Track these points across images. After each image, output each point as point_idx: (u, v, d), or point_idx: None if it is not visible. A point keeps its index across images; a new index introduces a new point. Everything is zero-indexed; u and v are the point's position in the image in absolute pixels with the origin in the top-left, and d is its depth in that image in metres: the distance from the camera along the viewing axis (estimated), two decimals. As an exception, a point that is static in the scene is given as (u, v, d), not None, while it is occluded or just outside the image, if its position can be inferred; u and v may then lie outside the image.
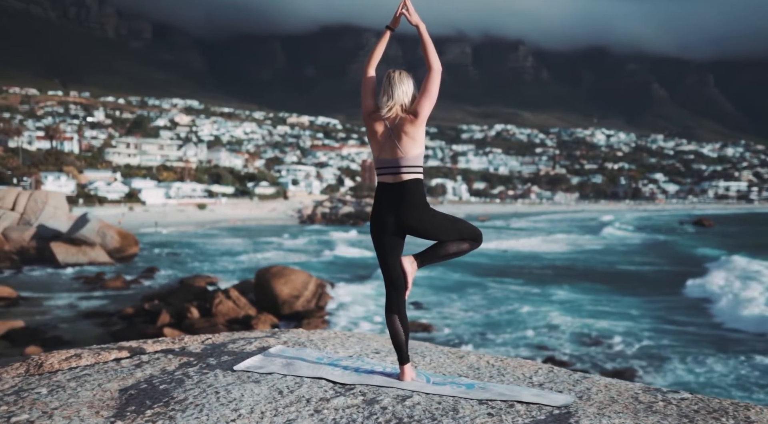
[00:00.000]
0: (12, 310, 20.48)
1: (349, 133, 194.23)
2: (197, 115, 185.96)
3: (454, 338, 17.22)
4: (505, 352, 15.59)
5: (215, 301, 18.87)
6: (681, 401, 2.45)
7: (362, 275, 27.95)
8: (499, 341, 16.81)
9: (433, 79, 2.79)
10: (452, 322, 19.21)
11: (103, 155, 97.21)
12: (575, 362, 14.78)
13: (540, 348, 16.15)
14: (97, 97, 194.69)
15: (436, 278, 28.11)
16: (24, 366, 2.85)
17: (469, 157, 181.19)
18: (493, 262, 34.81)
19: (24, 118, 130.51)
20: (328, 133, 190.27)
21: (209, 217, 70.89)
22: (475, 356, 3.20)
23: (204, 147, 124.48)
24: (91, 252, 31.70)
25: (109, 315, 19.58)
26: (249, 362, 2.90)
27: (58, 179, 70.74)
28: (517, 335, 17.53)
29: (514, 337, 17.28)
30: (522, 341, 16.90)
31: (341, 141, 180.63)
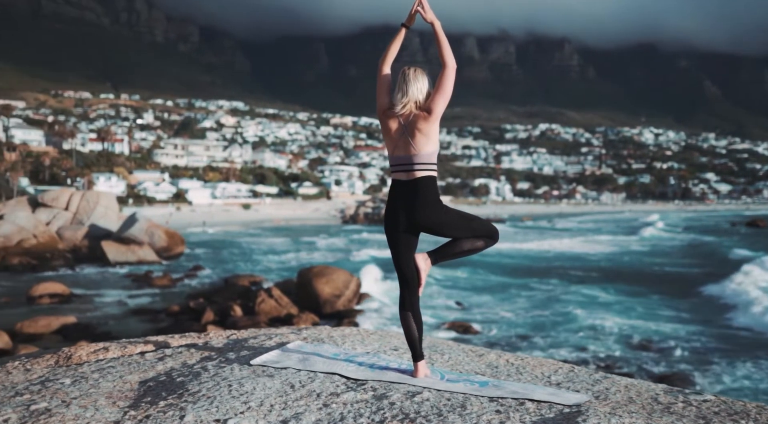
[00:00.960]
0: (65, 306, 21.18)
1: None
2: (242, 116, 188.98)
3: (496, 339, 17.09)
4: (548, 354, 15.41)
5: (258, 299, 19.18)
6: (702, 403, 2.41)
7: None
8: (541, 344, 16.61)
9: (447, 76, 2.80)
10: (494, 323, 19.07)
11: (152, 156, 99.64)
12: (622, 366, 14.51)
13: (582, 350, 15.90)
14: (146, 99, 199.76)
15: (479, 279, 27.94)
16: (54, 358, 2.94)
17: (512, 157, 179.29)
18: (536, 263, 34.41)
19: (78, 121, 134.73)
20: (371, 133, 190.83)
21: (254, 217, 71.97)
22: (494, 355, 3.20)
23: (249, 148, 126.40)
24: (140, 251, 32.56)
25: (156, 312, 20.09)
26: (266, 356, 2.93)
27: (109, 180, 72.85)
28: (561, 337, 17.29)
29: (557, 339, 17.05)
30: (566, 343, 16.66)
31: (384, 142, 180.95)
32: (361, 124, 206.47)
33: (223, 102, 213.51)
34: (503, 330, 18.10)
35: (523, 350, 15.99)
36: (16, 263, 29.24)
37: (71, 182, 70.72)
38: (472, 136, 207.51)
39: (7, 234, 31.89)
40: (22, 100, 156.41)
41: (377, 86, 2.92)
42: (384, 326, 18.24)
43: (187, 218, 62.87)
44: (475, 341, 16.55)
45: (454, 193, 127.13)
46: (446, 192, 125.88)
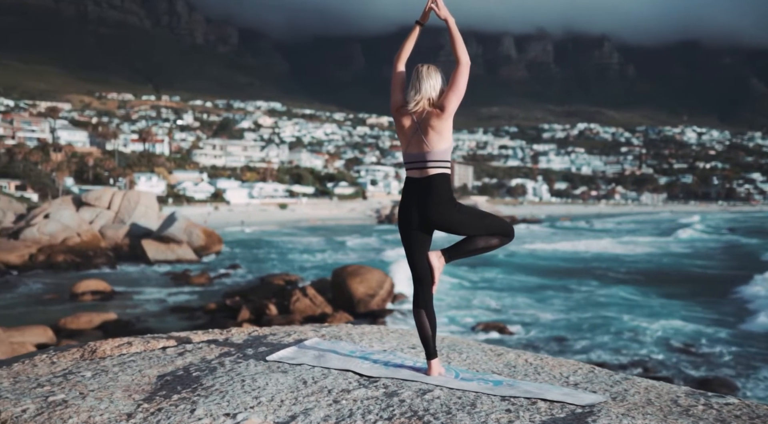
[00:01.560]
0: (106, 303, 21.72)
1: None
2: (280, 117, 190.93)
3: (531, 340, 16.93)
4: (584, 357, 15.20)
5: (293, 298, 19.36)
6: (724, 406, 2.36)
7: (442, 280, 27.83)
8: (577, 346, 16.39)
9: (461, 73, 2.76)
10: (530, 325, 18.89)
11: (191, 156, 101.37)
12: (660, 369, 14.23)
13: (620, 353, 15.64)
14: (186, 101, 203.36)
15: (516, 280, 27.70)
16: (80, 352, 3.00)
17: (550, 156, 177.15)
18: (574, 264, 33.96)
19: (120, 122, 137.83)
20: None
21: (290, 216, 72.64)
22: (513, 355, 3.17)
23: (286, 148, 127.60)
24: (179, 249, 33.16)
25: (193, 310, 20.44)
26: (282, 353, 2.95)
27: (149, 180, 74.35)
28: (598, 339, 17.04)
29: (594, 342, 16.80)
30: (603, 346, 16.41)
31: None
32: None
33: (261, 103, 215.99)
34: (539, 332, 17.91)
35: (558, 352, 15.80)
36: (61, 260, 30.06)
37: (114, 182, 72.43)
38: (509, 136, 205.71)
39: (52, 232, 32.81)
40: (68, 103, 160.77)
41: (391, 84, 2.92)
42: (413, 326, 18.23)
43: (224, 218, 63.80)
44: (510, 343, 16.42)
45: (491, 193, 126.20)
46: (482, 192, 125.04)
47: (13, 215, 37.41)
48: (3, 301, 22.19)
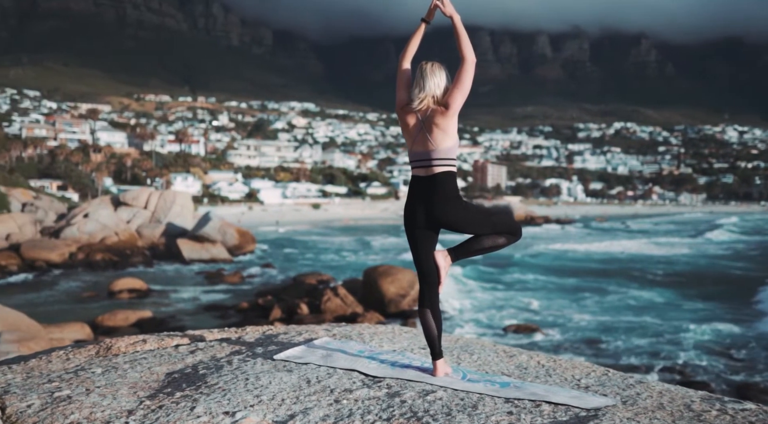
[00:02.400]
0: (142, 301, 22.14)
1: (461, 134, 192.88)
2: (313, 117, 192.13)
3: (562, 342, 16.72)
4: (616, 360, 14.95)
5: (324, 298, 19.46)
6: (739, 412, 2.28)
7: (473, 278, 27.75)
8: (610, 349, 16.13)
9: (465, 71, 2.73)
10: (563, 326, 18.66)
11: (226, 157, 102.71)
12: (697, 373, 13.92)
13: (655, 356, 15.34)
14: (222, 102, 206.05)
15: (549, 281, 27.40)
16: (96, 348, 3.04)
17: (585, 156, 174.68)
18: (609, 265, 33.44)
19: (158, 123, 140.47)
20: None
21: (323, 216, 73.07)
22: (526, 356, 3.13)
23: (319, 148, 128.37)
24: (213, 249, 33.62)
25: (226, 309, 20.70)
26: (290, 351, 2.96)
27: (185, 180, 75.56)
28: (632, 342, 16.75)
29: (628, 344, 16.52)
30: (637, 348, 16.13)
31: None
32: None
33: (295, 103, 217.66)
34: (571, 333, 17.68)
35: (591, 355, 15.58)
36: (100, 259, 30.73)
37: (151, 182, 73.81)
38: (543, 136, 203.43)
39: (91, 231, 33.57)
40: (108, 104, 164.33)
41: (397, 82, 2.90)
42: (447, 327, 18.15)
43: (258, 217, 64.48)
44: (542, 344, 16.24)
45: (524, 193, 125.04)
46: (516, 192, 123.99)
47: (54, 214, 38.38)
48: (44, 298, 22.80)
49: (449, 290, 23.06)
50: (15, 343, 12.63)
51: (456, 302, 21.62)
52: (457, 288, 24.03)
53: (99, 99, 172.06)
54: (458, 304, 21.40)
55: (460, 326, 18.34)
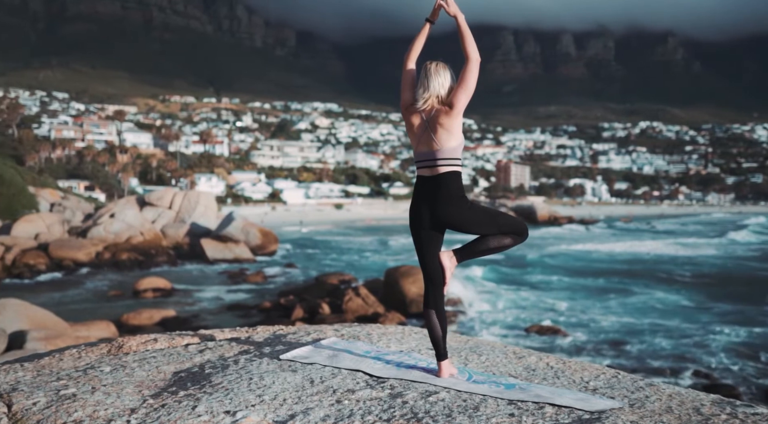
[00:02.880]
0: (167, 300, 22.37)
1: (484, 134, 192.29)
2: (336, 117, 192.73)
3: (585, 344, 16.54)
4: (640, 362, 14.75)
5: (345, 298, 19.48)
6: (750, 416, 2.23)
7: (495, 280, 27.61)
8: (634, 351, 15.92)
9: (470, 70, 2.73)
10: (586, 327, 18.46)
11: (249, 157, 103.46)
12: (724, 377, 13.67)
13: (681, 359, 15.10)
14: (245, 103, 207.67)
15: (573, 282, 27.14)
16: (108, 347, 3.07)
17: (610, 156, 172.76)
18: (634, 265, 33.04)
19: (183, 124, 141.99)
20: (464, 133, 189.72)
21: (345, 216, 73.25)
22: (535, 358, 3.09)
23: (342, 149, 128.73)
24: (236, 248, 33.87)
25: (248, 308, 20.83)
26: (296, 351, 2.95)
27: (209, 180, 76.27)
28: (657, 344, 16.51)
29: (653, 346, 16.29)
30: (662, 351, 15.88)
31: (476, 141, 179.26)
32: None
33: (318, 104, 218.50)
34: (595, 335, 17.48)
35: (614, 356, 15.39)
36: (125, 258, 31.13)
37: (175, 183, 74.64)
38: (567, 135, 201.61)
39: (117, 231, 34.05)
40: (134, 106, 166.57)
41: (401, 82, 2.90)
42: (469, 328, 18.07)
43: (281, 218, 64.84)
44: (564, 346, 16.09)
45: (548, 193, 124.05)
46: (539, 192, 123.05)
47: (81, 214, 38.99)
48: (71, 297, 23.16)
49: (471, 292, 22.96)
50: (42, 341, 12.85)
51: (478, 303, 21.51)
52: (478, 290, 23.93)
53: (125, 101, 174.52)
54: (480, 305, 21.29)
55: (482, 328, 18.23)
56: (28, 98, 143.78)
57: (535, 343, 16.37)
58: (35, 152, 69.05)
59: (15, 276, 27.14)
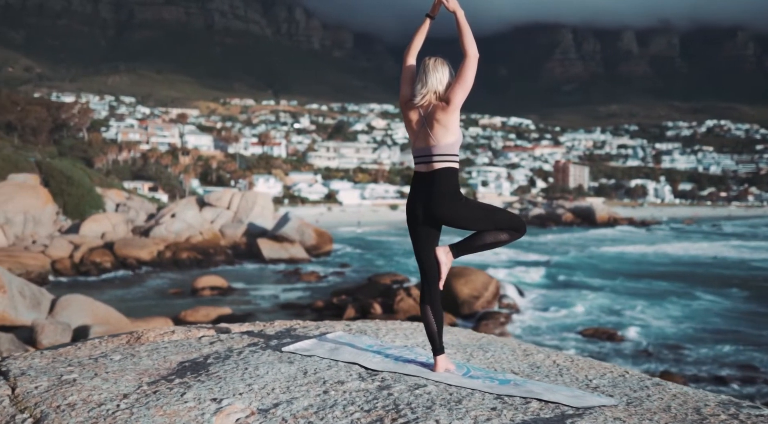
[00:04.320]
0: (223, 298, 22.95)
1: (543, 134, 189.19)
2: (392, 118, 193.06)
3: (642, 347, 16.10)
4: (699, 368, 14.26)
5: (397, 298, 19.57)
6: (752, 417, 2.14)
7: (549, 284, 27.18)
8: (693, 356, 15.40)
9: (467, 66, 2.74)
10: (643, 331, 17.98)
11: (306, 159, 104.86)
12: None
13: (744, 368, 14.51)
14: (303, 104, 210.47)
15: (631, 284, 26.44)
16: (127, 338, 3.17)
17: (674, 156, 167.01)
18: (697, 269, 31.90)
19: (242, 127, 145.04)
20: (520, 133, 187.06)
21: (400, 217, 73.25)
22: (543, 355, 3.04)
23: (397, 150, 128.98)
24: (291, 248, 34.43)
25: (302, 307, 21.14)
26: (299, 344, 2.99)
27: (267, 181, 77.72)
28: (719, 350, 15.93)
29: (714, 353, 15.72)
30: (724, 358, 15.32)
31: (534, 141, 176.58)
32: (510, 124, 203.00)
33: (374, 105, 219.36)
34: (653, 339, 17.00)
35: (672, 361, 14.92)
36: (185, 257, 32.07)
37: (234, 183, 76.37)
38: (628, 135, 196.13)
39: (178, 231, 35.11)
40: (196, 109, 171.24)
41: (401, 77, 2.91)
42: (523, 332, 17.84)
43: (336, 218, 65.47)
44: (619, 350, 15.70)
45: (608, 194, 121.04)
46: (599, 193, 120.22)
47: (144, 214, 40.38)
48: (133, 294, 24.04)
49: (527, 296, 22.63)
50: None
51: (532, 307, 21.22)
52: (534, 293, 23.61)
53: (188, 104, 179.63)
54: (535, 310, 20.99)
55: (536, 332, 17.95)
56: (98, 103, 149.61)
57: (589, 347, 16.05)
58: (103, 155, 71.86)
59: (83, 273, 28.32)
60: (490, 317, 18.66)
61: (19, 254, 28.31)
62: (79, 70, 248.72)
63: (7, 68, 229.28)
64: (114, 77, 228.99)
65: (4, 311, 14.45)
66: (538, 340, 16.65)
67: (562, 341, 16.79)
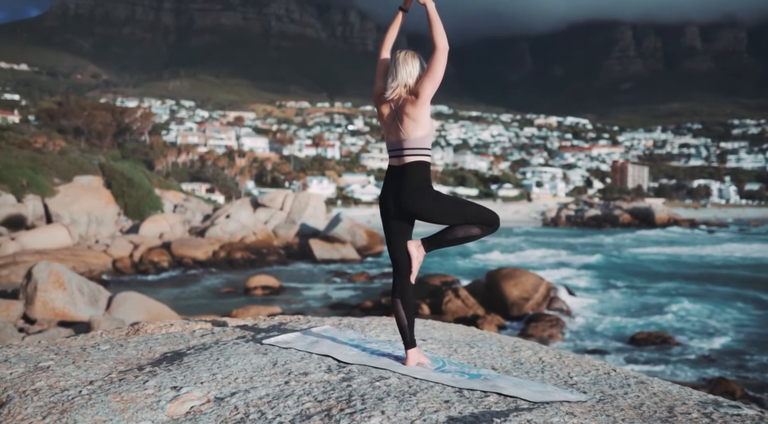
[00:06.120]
0: (275, 297, 23.31)
1: (600, 133, 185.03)
2: (446, 119, 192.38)
3: (698, 353, 15.53)
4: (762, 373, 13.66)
5: (445, 299, 19.44)
6: (726, 416, 2.04)
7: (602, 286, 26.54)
8: (754, 363, 14.75)
9: (436, 59, 2.70)
10: (704, 336, 17.36)
11: (359, 160, 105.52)
12: None
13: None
14: (357, 106, 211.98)
15: (691, 288, 25.55)
16: (128, 330, 3.23)
17: (740, 155, 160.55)
18: (760, 272, 30.60)
19: (297, 129, 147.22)
20: (577, 133, 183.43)
21: (453, 218, 72.96)
22: (530, 352, 2.96)
23: (450, 150, 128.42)
24: (343, 249, 34.70)
25: (351, 307, 21.26)
26: (279, 337, 3.00)
27: (321, 182, 78.57)
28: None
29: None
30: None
31: (591, 141, 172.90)
32: (566, 124, 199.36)
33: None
34: (713, 345, 16.37)
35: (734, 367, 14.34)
36: (239, 257, 32.72)
37: (288, 185, 77.54)
38: (691, 134, 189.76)
39: (232, 231, 35.88)
40: (253, 112, 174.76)
41: (376, 71, 2.92)
42: (574, 335, 17.47)
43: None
44: (675, 356, 15.18)
45: (668, 195, 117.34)
46: (659, 194, 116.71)
47: (201, 215, 41.44)
48: (188, 293, 24.67)
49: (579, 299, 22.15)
50: (157, 332, 13.84)
51: (585, 310, 20.76)
52: (587, 296, 23.10)
53: (245, 107, 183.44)
54: (587, 312, 20.53)
55: (586, 337, 17.53)
56: (159, 107, 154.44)
57: (641, 352, 15.59)
58: (163, 157, 74.13)
59: (141, 272, 29.25)
60: (539, 320, 18.31)
61: (82, 253, 29.48)
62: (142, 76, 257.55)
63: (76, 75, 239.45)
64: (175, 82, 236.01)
65: (64, 308, 15.08)
66: (587, 344, 16.28)
67: (613, 344, 16.37)
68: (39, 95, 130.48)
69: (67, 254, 28.15)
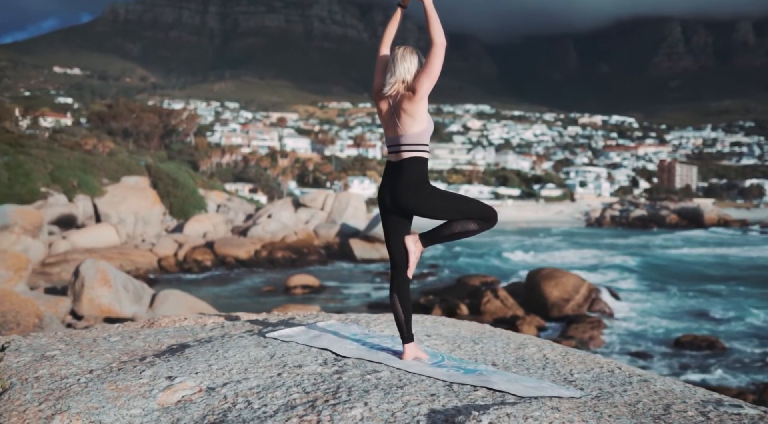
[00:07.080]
0: (314, 297, 23.52)
1: (647, 132, 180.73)
2: (488, 119, 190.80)
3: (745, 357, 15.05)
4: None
5: (483, 300, 19.32)
6: (725, 415, 1.96)
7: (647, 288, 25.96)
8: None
9: (434, 55, 2.71)
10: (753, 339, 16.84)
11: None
12: None
13: None
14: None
15: (740, 290, 24.79)
16: (143, 323, 3.28)
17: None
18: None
19: (339, 129, 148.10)
20: (622, 132, 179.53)
21: (494, 218, 72.32)
22: (535, 349, 2.91)
23: (492, 150, 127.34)
24: (383, 248, 34.72)
25: (389, 307, 21.31)
26: (283, 331, 3.01)
27: (362, 182, 78.91)
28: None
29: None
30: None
31: (637, 140, 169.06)
32: (611, 123, 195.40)
33: (470, 106, 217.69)
34: (762, 349, 15.85)
35: None
36: (280, 256, 33.12)
37: (330, 185, 78.09)
38: (743, 132, 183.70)
39: (274, 231, 36.34)
40: (295, 113, 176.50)
41: (375, 68, 2.93)
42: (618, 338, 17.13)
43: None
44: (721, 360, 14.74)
45: (719, 195, 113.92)
46: (708, 194, 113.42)
47: (243, 214, 42.13)
48: (229, 291, 25.09)
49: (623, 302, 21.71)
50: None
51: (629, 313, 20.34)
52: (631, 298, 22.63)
53: (287, 108, 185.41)
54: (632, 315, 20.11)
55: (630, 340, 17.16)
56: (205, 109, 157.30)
57: (685, 355, 15.20)
58: (208, 158, 75.55)
59: (185, 271, 29.87)
60: (580, 321, 18.01)
61: (129, 251, 30.28)
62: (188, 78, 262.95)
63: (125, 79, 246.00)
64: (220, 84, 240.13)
65: (110, 304, 15.55)
66: (630, 347, 15.96)
67: (658, 348, 15.99)
68: (90, 98, 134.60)
69: (114, 252, 28.95)
